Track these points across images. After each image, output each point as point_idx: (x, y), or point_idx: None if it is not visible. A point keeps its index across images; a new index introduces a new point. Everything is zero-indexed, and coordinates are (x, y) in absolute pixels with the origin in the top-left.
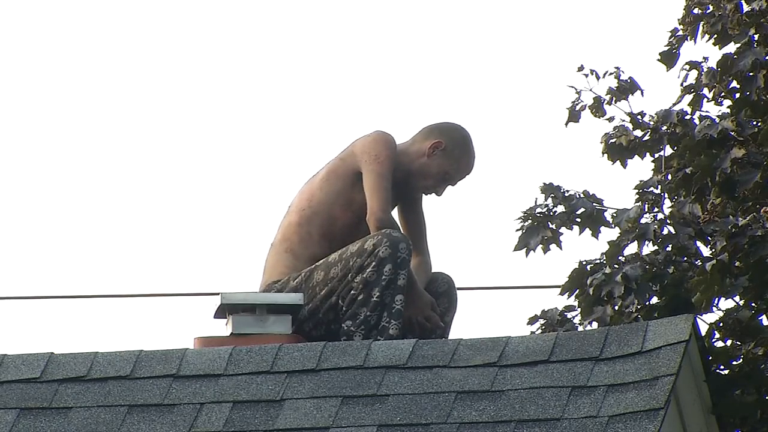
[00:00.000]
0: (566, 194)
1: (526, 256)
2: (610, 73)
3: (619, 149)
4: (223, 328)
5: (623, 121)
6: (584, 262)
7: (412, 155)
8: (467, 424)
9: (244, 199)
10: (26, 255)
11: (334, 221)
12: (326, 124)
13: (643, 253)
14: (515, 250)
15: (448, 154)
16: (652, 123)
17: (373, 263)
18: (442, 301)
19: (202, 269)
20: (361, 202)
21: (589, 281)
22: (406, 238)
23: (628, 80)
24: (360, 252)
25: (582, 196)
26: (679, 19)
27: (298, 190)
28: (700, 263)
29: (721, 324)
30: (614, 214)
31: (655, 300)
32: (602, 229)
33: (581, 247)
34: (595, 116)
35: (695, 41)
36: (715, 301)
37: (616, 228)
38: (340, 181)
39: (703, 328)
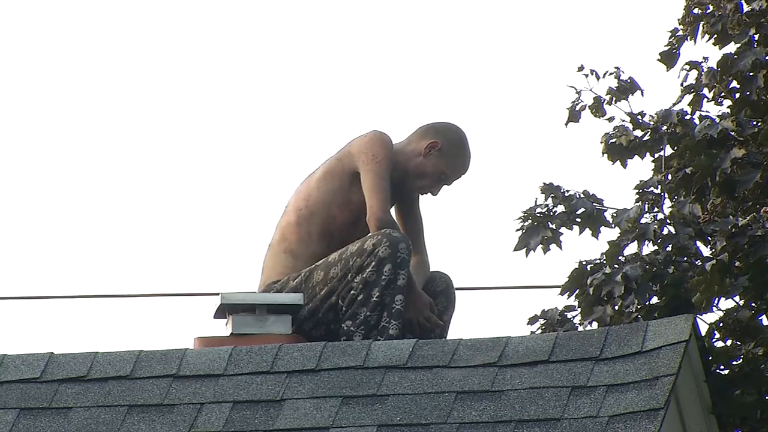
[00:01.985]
0: (566, 194)
1: (526, 256)
2: (610, 73)
3: (619, 149)
4: (223, 328)
5: (623, 121)
6: (584, 262)
7: (409, 155)
8: (467, 424)
9: (243, 199)
10: (26, 255)
11: (333, 220)
12: (325, 124)
13: (643, 253)
14: (515, 250)
15: (444, 154)
16: (652, 123)
17: (373, 263)
18: (441, 300)
19: (202, 269)
20: (358, 201)
21: (589, 281)
22: (406, 238)
23: (628, 80)
24: (360, 252)
25: (582, 196)
26: (679, 19)
27: (294, 190)
28: (700, 263)
29: (721, 324)
30: (614, 214)
31: (655, 300)
32: (602, 229)
33: (581, 247)
34: (595, 116)
35: (695, 41)
36: (715, 301)
37: (616, 228)
38: (337, 181)
39: (703, 328)
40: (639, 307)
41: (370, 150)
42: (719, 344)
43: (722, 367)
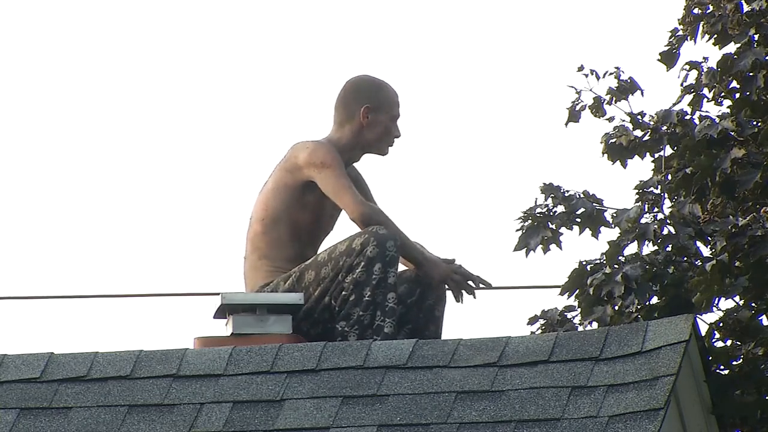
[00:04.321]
0: (566, 194)
1: (526, 256)
2: (610, 73)
3: (619, 149)
4: (223, 328)
5: (623, 121)
6: (584, 262)
7: (354, 134)
8: (467, 424)
9: (244, 199)
10: (26, 255)
11: (297, 224)
12: (324, 125)
13: (643, 253)
14: (515, 250)
15: (378, 107)
16: (652, 123)
17: (362, 263)
18: (430, 295)
19: (202, 269)
20: (314, 201)
21: (589, 281)
22: (394, 235)
23: (628, 80)
24: (349, 252)
25: (582, 196)
26: (679, 19)
27: (255, 201)
28: (700, 263)
29: (721, 324)
30: (614, 214)
31: (655, 300)
32: (602, 229)
33: (581, 247)
34: (595, 116)
35: (695, 41)
36: (715, 301)
37: (616, 228)
38: (290, 191)
39: (703, 328)
40: (639, 307)
41: (318, 159)
42: (719, 344)
43: (722, 367)
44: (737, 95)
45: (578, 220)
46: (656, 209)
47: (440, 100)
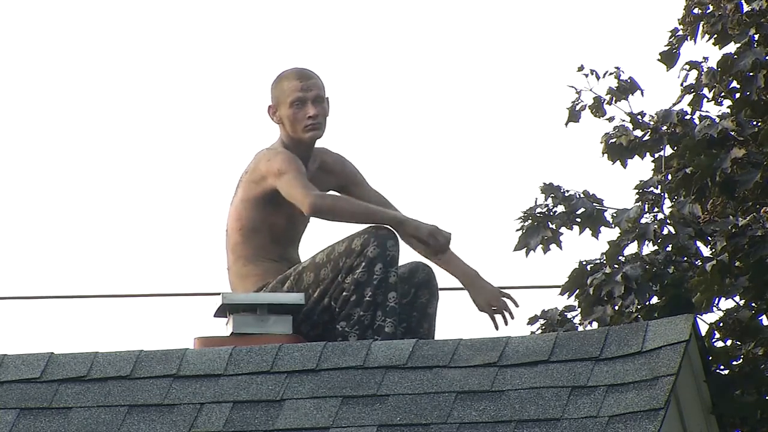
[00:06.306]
0: (566, 194)
1: (526, 256)
2: (610, 73)
3: (619, 149)
4: (223, 328)
5: (623, 121)
6: (584, 262)
7: (283, 134)
8: (467, 424)
9: None
10: (26, 255)
11: (275, 227)
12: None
13: (643, 253)
14: (515, 250)
15: (277, 103)
16: (652, 123)
17: (363, 263)
18: (423, 293)
19: (202, 269)
20: (286, 204)
21: (589, 281)
22: (394, 234)
23: (628, 80)
24: (348, 252)
25: (582, 196)
26: (679, 19)
27: (228, 212)
28: (700, 263)
29: (721, 324)
30: (614, 214)
31: (655, 300)
32: (602, 229)
33: (581, 247)
34: (595, 116)
35: (695, 41)
36: (715, 301)
37: (616, 228)
38: (260, 200)
39: (703, 328)
40: (639, 307)
41: (275, 167)
42: (719, 344)
43: (722, 367)
44: (737, 95)
45: (578, 220)
46: (656, 209)
47: (441, 99)
